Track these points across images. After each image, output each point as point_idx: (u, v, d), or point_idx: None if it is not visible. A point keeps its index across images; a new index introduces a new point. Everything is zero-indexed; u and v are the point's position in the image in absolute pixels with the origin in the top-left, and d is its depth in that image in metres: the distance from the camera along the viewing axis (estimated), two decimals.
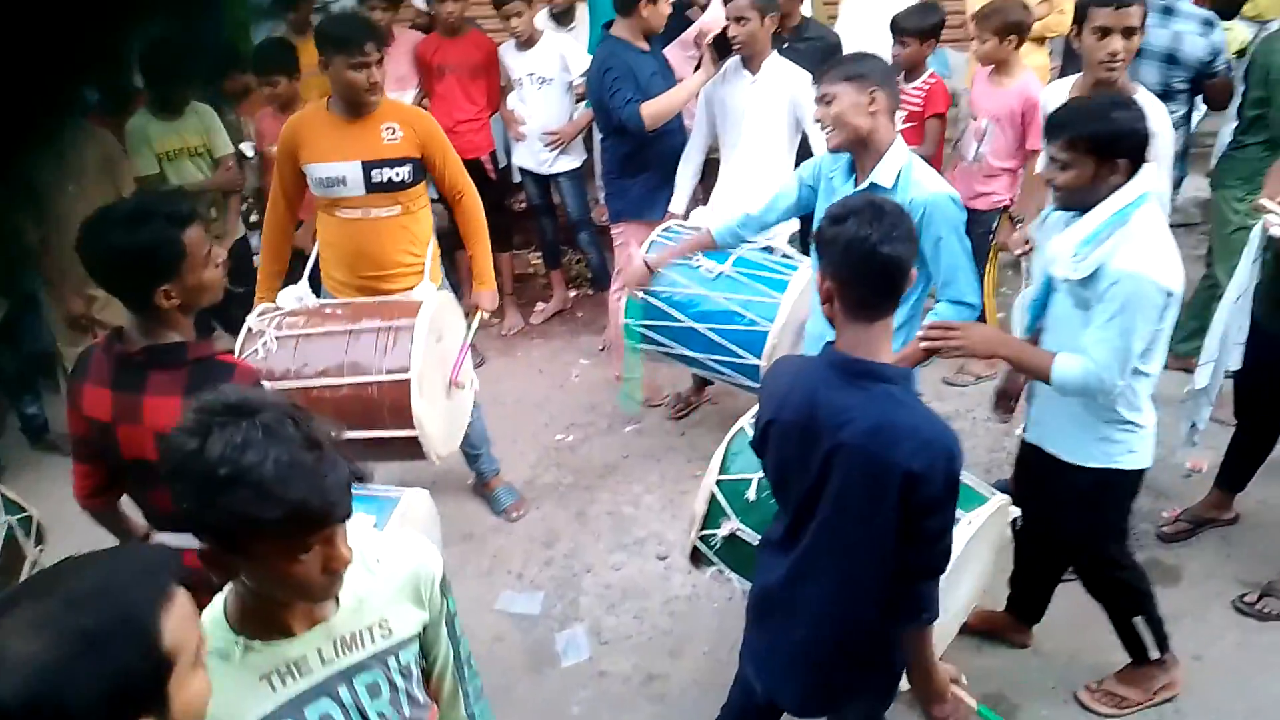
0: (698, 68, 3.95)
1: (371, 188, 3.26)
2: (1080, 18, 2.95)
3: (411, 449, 2.99)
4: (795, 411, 1.97)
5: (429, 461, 3.06)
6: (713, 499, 2.64)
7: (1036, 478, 2.71)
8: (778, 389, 2.07)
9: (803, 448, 1.96)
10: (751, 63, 3.84)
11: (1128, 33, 2.84)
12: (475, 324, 3.41)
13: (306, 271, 3.38)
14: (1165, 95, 3.80)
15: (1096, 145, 2.34)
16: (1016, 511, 2.62)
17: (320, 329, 3.02)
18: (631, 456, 4.24)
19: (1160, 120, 2.88)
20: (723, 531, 2.62)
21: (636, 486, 4.04)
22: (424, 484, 3.16)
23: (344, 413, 2.84)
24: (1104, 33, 2.84)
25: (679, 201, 4.09)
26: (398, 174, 3.27)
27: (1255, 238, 2.96)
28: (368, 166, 3.24)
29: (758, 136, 3.88)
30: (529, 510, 3.92)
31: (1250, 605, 3.24)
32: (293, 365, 2.94)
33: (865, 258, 1.86)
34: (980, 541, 2.51)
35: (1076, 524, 2.67)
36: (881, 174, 2.76)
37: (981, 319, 4.38)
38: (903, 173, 2.75)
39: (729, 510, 2.62)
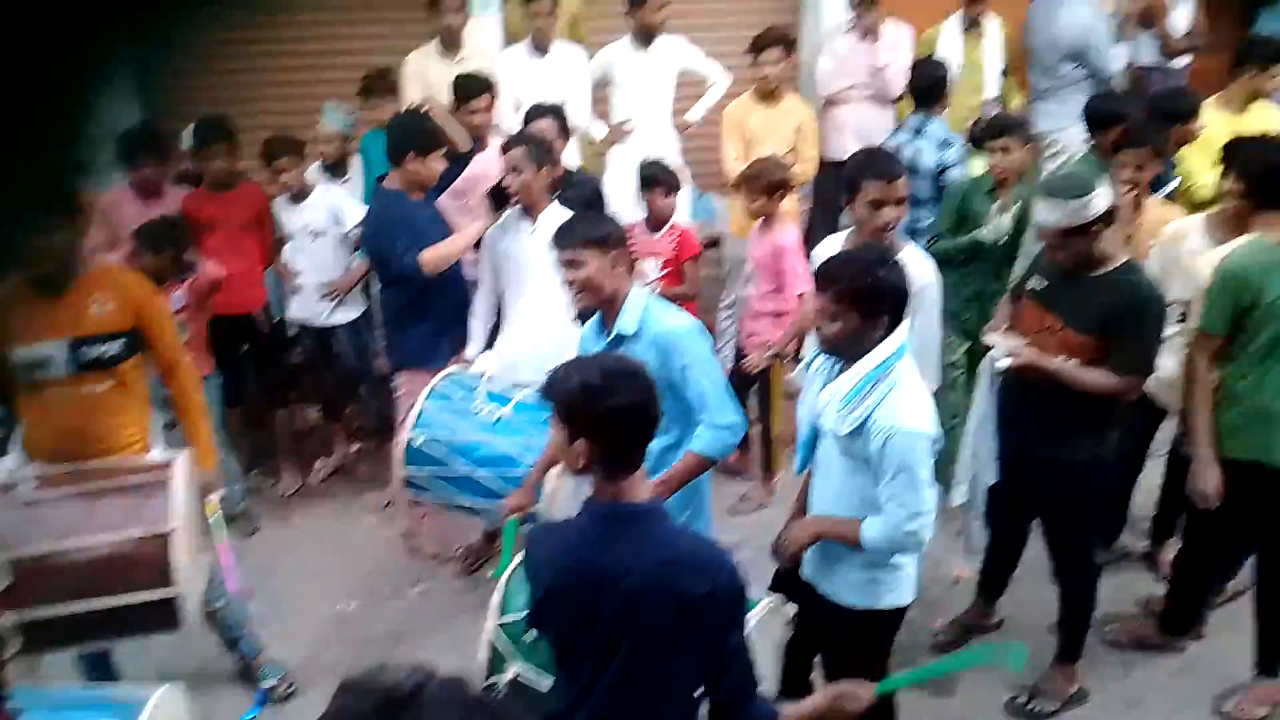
0: None
1: (81, 366, 2.93)
2: (852, 188, 3.04)
3: (164, 615, 2.73)
4: (572, 576, 1.95)
5: (185, 631, 2.83)
6: (493, 646, 2.52)
7: (808, 604, 2.71)
8: (544, 560, 2.03)
9: (589, 609, 1.92)
10: (530, 213, 3.90)
11: (899, 202, 3.00)
12: (218, 516, 3.15)
13: (17, 442, 3.02)
14: (912, 203, 4.27)
15: (861, 300, 2.44)
16: (792, 608, 2.62)
17: (52, 493, 2.76)
18: (421, 620, 3.97)
19: (927, 271, 3.08)
20: (507, 677, 2.51)
21: (427, 653, 3.75)
22: (183, 675, 2.82)
23: (92, 576, 2.62)
24: (878, 204, 2.98)
25: (474, 348, 4.06)
26: (108, 350, 2.96)
27: (985, 370, 3.20)
28: (75, 344, 2.91)
29: (540, 285, 3.89)
30: (303, 693, 3.54)
31: (1022, 707, 3.38)
32: (26, 531, 2.66)
33: (642, 425, 1.92)
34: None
35: (841, 659, 2.67)
36: (625, 322, 2.88)
37: (768, 441, 4.51)
38: (644, 315, 2.88)
39: (511, 654, 2.50)
